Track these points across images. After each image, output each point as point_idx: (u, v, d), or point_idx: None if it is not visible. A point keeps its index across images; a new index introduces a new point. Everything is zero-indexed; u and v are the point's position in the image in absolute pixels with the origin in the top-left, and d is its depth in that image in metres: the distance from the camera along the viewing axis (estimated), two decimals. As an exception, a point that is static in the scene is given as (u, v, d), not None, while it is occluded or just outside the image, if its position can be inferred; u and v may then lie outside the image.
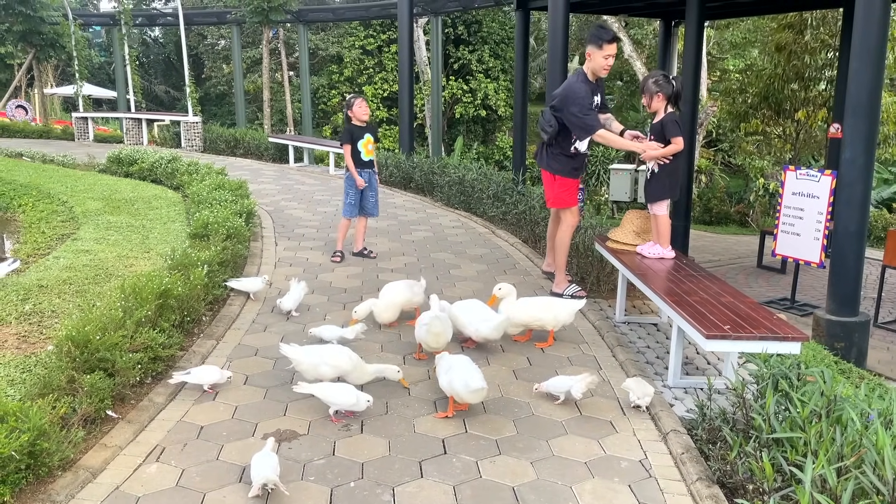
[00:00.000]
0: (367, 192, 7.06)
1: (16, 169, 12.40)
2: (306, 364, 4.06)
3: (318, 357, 4.06)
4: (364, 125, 6.99)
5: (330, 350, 4.13)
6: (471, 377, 3.79)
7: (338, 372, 4.05)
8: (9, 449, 2.85)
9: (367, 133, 7.01)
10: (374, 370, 4.12)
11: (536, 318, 4.89)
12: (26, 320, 4.92)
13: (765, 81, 14.61)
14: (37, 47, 21.18)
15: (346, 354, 4.09)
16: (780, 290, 8.68)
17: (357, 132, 6.95)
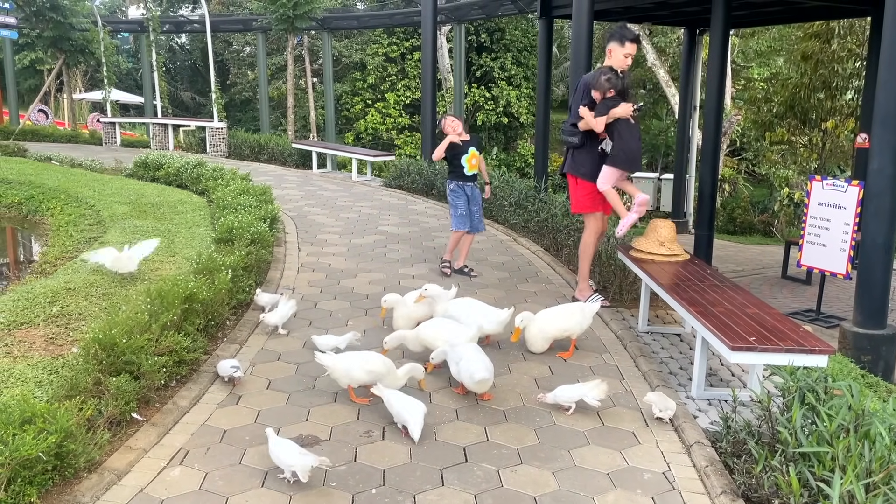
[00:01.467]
0: (471, 206, 6.91)
1: (45, 173, 12.61)
2: (340, 370, 4.06)
3: (352, 362, 4.06)
4: (464, 140, 6.80)
5: (363, 355, 4.12)
6: (475, 368, 4.05)
7: (372, 377, 4.03)
8: (37, 450, 2.89)
9: (472, 146, 6.83)
10: (403, 373, 4.10)
11: (564, 329, 4.87)
12: (54, 322, 4.99)
13: (791, 90, 14.48)
14: (66, 53, 21.54)
15: (379, 359, 4.09)
16: (806, 302, 8.57)
17: (459, 148, 6.79)
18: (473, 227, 6.92)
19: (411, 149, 25.35)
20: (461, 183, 6.85)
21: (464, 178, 6.84)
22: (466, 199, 6.86)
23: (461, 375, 4.13)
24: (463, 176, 6.84)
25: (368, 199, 11.11)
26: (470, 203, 6.87)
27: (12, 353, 4.46)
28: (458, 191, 6.86)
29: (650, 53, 19.52)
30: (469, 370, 4.07)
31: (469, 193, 6.87)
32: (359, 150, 15.91)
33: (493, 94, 26.08)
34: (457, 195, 6.86)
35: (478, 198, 6.98)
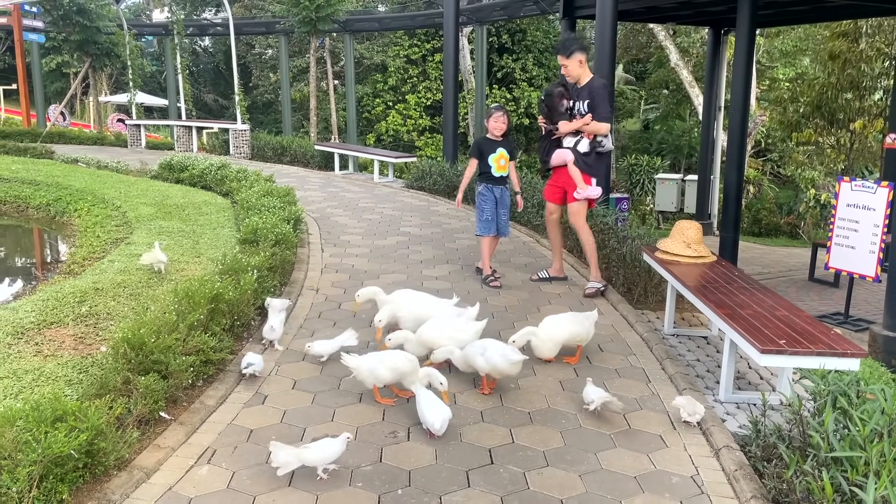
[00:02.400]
0: (499, 209, 6.64)
1: (72, 174, 12.78)
2: (365, 370, 4.06)
3: (377, 361, 4.07)
4: (498, 139, 6.56)
5: (388, 355, 4.12)
6: (507, 351, 4.19)
7: (396, 375, 4.03)
8: (68, 448, 2.92)
9: (501, 147, 6.56)
10: (423, 374, 4.06)
11: (574, 335, 4.77)
12: (83, 322, 5.05)
13: (817, 90, 14.30)
14: (93, 56, 21.82)
15: (404, 358, 4.08)
16: (833, 305, 8.45)
17: (487, 146, 6.57)
18: (499, 230, 6.72)
19: (432, 150, 25.39)
20: (490, 185, 6.61)
21: (492, 179, 6.60)
22: (495, 201, 6.62)
23: (492, 362, 4.14)
24: (491, 177, 6.60)
25: (390, 201, 11.13)
26: (498, 206, 6.63)
27: (43, 351, 4.52)
28: (487, 194, 6.61)
29: (673, 54, 19.38)
30: (501, 354, 4.14)
31: (497, 196, 6.63)
32: (380, 151, 15.95)
33: (515, 95, 26.05)
34: (485, 198, 6.62)
35: (506, 201, 6.71)
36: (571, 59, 6.25)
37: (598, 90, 6.20)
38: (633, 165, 19.24)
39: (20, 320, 4.93)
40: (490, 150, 6.56)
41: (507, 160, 6.60)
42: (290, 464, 3.24)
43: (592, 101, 6.20)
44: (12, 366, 4.27)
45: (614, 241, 6.78)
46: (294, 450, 3.25)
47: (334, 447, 3.30)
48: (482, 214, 6.66)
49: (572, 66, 6.27)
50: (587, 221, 6.55)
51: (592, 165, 6.38)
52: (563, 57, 6.31)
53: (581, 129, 6.27)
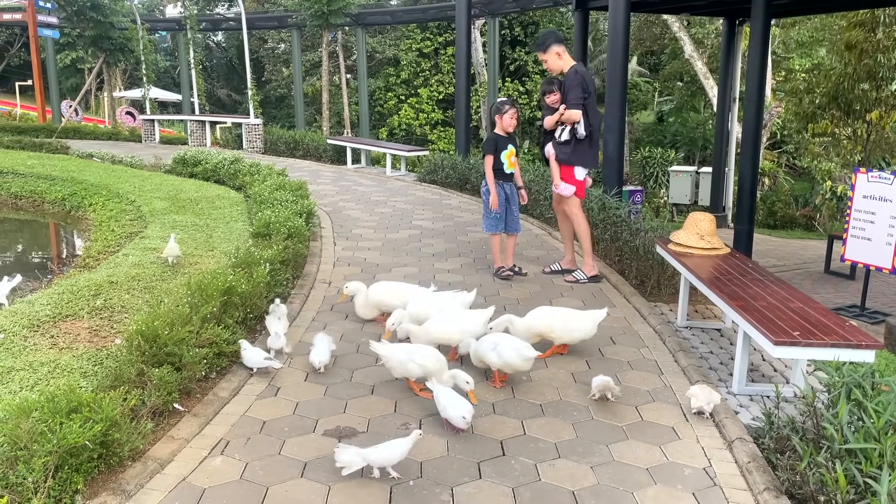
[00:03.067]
0: (510, 206, 6.57)
1: (87, 169, 12.88)
2: (395, 361, 4.07)
3: (407, 355, 4.06)
4: (507, 135, 6.52)
5: (420, 349, 4.10)
6: (520, 345, 4.17)
7: (424, 371, 4.01)
8: (83, 438, 2.95)
9: (511, 144, 6.54)
10: (448, 376, 3.99)
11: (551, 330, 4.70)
12: (97, 315, 5.09)
13: (834, 81, 14.14)
14: (107, 52, 21.94)
15: (433, 354, 4.07)
16: (849, 297, 8.37)
17: (501, 142, 6.49)
18: (511, 227, 6.62)
19: (445, 144, 25.37)
20: (501, 182, 6.51)
21: (503, 176, 6.52)
22: (506, 198, 6.54)
23: (504, 357, 4.13)
24: (503, 174, 6.51)
25: (402, 194, 11.14)
26: (510, 202, 6.56)
27: (58, 344, 4.56)
28: (498, 189, 6.49)
29: (687, 45, 19.22)
30: (514, 349, 4.14)
31: (508, 192, 6.56)
32: (392, 145, 15.95)
33: (528, 87, 25.96)
34: (489, 196, 6.51)
35: (516, 197, 6.63)
36: (549, 52, 6.30)
37: (569, 77, 6.25)
38: (647, 158, 19.14)
39: (36, 313, 4.98)
40: (503, 147, 6.49)
41: (515, 156, 6.58)
42: (354, 464, 3.19)
43: (565, 89, 6.26)
44: (28, 358, 4.31)
45: (627, 233, 6.75)
46: (359, 450, 3.22)
47: (401, 447, 3.24)
48: (490, 212, 6.54)
49: (551, 59, 6.33)
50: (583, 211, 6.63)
51: (572, 154, 6.40)
52: (540, 53, 6.40)
53: (562, 119, 6.31)
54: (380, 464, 3.24)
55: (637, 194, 12.13)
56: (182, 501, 3.07)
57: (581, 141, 6.36)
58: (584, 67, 6.57)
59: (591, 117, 6.30)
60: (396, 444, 3.25)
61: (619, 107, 8.08)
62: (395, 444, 3.25)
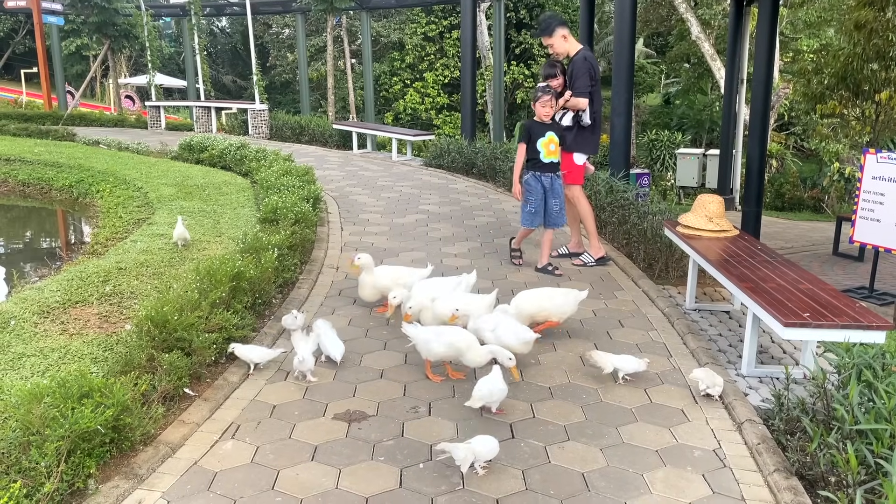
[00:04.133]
0: (549, 198, 6.12)
1: (94, 156, 12.90)
2: (420, 341, 4.06)
3: (433, 335, 4.03)
4: (548, 122, 6.09)
5: (447, 329, 4.07)
6: (519, 329, 4.20)
7: (452, 350, 3.99)
8: (95, 423, 2.97)
9: (551, 131, 6.05)
10: (486, 351, 3.97)
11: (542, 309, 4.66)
12: (107, 301, 5.11)
13: (842, 62, 13.98)
14: (111, 38, 21.89)
15: (462, 334, 4.04)
16: (858, 279, 8.34)
17: (536, 129, 6.06)
18: (551, 221, 6.20)
19: (451, 128, 25.30)
20: (537, 173, 6.09)
21: (540, 166, 6.08)
22: (543, 191, 6.11)
23: (503, 340, 4.12)
24: (539, 164, 6.07)
25: (409, 179, 11.12)
26: (547, 195, 6.13)
27: (68, 330, 4.59)
28: (534, 183, 6.10)
29: (695, 27, 19.06)
30: (513, 332, 4.16)
31: (547, 185, 6.10)
32: (398, 130, 15.90)
33: (533, 71, 25.80)
34: (530, 189, 6.12)
35: (558, 190, 6.17)
36: (555, 36, 6.22)
37: (577, 63, 6.20)
38: (654, 141, 19.04)
39: (46, 300, 5.01)
40: (539, 134, 6.06)
41: (556, 144, 6.09)
42: (468, 459, 3.16)
43: (572, 75, 6.22)
44: (39, 344, 4.34)
45: (635, 216, 6.73)
46: (466, 445, 3.18)
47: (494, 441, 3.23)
48: (526, 205, 6.21)
49: (557, 43, 6.25)
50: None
51: (573, 140, 6.40)
52: (546, 37, 6.28)
53: (565, 105, 6.28)
54: (485, 457, 3.21)
55: (644, 177, 12.09)
56: (194, 485, 3.09)
57: (584, 128, 6.38)
58: (591, 52, 6.54)
59: (595, 104, 6.31)
60: (490, 439, 3.23)
61: (626, 89, 8.02)
62: (493, 439, 3.24)
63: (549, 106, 6.00)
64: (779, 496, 3.00)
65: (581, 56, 6.23)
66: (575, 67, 6.19)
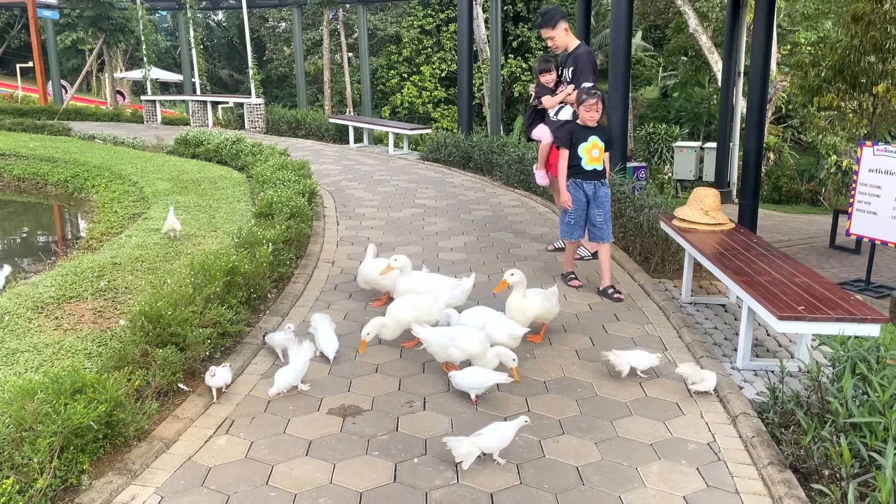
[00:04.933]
0: (592, 209, 5.61)
1: (89, 151, 12.85)
2: (436, 346, 4.00)
3: (448, 340, 3.98)
4: (592, 126, 5.55)
5: (461, 332, 4.02)
6: (510, 325, 4.24)
7: (466, 355, 3.95)
8: (88, 419, 2.96)
9: (594, 135, 5.53)
10: (493, 353, 3.95)
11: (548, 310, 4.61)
12: (101, 296, 5.10)
13: (840, 54, 13.96)
14: (106, 32, 21.79)
15: (476, 338, 3.98)
16: (855, 272, 8.34)
17: (579, 133, 5.55)
18: (595, 234, 5.64)
19: (448, 122, 25.24)
20: (578, 180, 5.58)
21: (582, 173, 5.56)
22: (585, 199, 5.61)
23: (494, 336, 4.11)
24: (581, 171, 5.56)
25: (405, 173, 11.10)
26: (591, 205, 5.61)
27: (62, 325, 4.58)
28: (575, 191, 5.60)
29: (692, 19, 19.02)
30: (504, 329, 4.20)
31: (589, 193, 5.59)
32: (395, 123, 15.87)
33: (531, 64, 25.72)
34: (572, 198, 5.61)
35: (602, 199, 5.60)
36: (557, 28, 6.17)
37: (582, 58, 6.14)
38: (651, 134, 19.01)
39: (40, 295, 4.99)
40: (581, 139, 5.55)
41: (601, 150, 5.57)
42: (472, 454, 3.14)
43: (576, 70, 6.15)
44: (33, 339, 4.33)
45: (631, 209, 6.72)
46: (470, 439, 3.17)
47: (508, 431, 3.22)
48: (565, 216, 5.71)
49: (559, 35, 6.18)
50: None
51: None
52: (548, 29, 6.20)
53: (565, 99, 6.22)
54: (491, 450, 3.19)
55: (641, 170, 12.07)
56: (188, 480, 3.09)
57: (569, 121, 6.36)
58: (589, 47, 6.56)
59: None
60: (504, 429, 3.22)
61: (623, 82, 8.00)
62: (503, 429, 3.22)
63: (594, 110, 5.48)
64: (773, 489, 3.00)
65: (586, 50, 6.23)
66: (580, 61, 6.13)
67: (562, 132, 5.75)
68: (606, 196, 5.63)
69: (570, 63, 6.22)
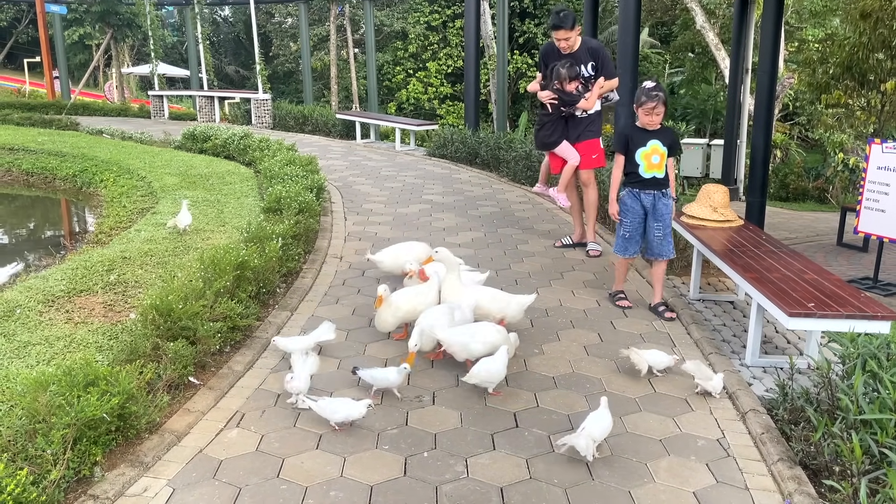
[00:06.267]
0: (650, 222, 5.03)
1: (97, 146, 12.88)
2: (457, 345, 3.95)
3: (469, 336, 3.97)
4: (653, 129, 4.97)
5: (480, 328, 4.02)
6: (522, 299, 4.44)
7: (489, 349, 3.93)
8: (100, 411, 2.98)
9: (654, 140, 4.95)
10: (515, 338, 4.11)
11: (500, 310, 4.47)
12: (111, 290, 5.12)
13: (847, 51, 13.91)
14: (114, 27, 21.82)
15: (496, 331, 3.99)
16: (862, 269, 8.32)
17: (637, 137, 5.00)
18: (653, 250, 5.07)
19: (454, 118, 25.21)
20: (636, 190, 5.02)
21: (639, 181, 4.99)
22: (643, 211, 5.02)
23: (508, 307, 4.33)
24: (638, 179, 4.98)
25: (412, 169, 11.10)
26: (648, 218, 5.03)
27: (73, 319, 4.60)
28: (631, 202, 5.04)
29: (699, 16, 18.96)
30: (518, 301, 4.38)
31: (647, 204, 5.00)
32: (402, 119, 15.87)
33: (537, 60, 25.70)
34: (626, 209, 5.07)
35: (663, 212, 4.99)
36: (575, 29, 6.21)
37: (601, 50, 6.34)
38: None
39: (51, 289, 5.02)
40: (639, 143, 4.98)
41: (662, 156, 4.96)
42: (590, 446, 3.18)
43: (600, 62, 6.30)
44: (44, 332, 4.35)
45: (639, 206, 6.71)
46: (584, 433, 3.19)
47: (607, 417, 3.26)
48: (619, 228, 5.16)
49: (573, 37, 6.21)
50: None
51: (598, 125, 6.57)
52: (566, 30, 6.15)
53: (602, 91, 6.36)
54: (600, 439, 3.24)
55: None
56: (199, 473, 3.11)
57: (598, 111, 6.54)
58: None
59: None
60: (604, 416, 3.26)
61: (631, 79, 7.98)
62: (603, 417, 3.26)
63: (654, 114, 4.87)
64: (782, 485, 3.01)
65: (599, 43, 6.47)
66: (601, 53, 6.33)
67: (618, 136, 5.22)
68: (668, 208, 5.02)
69: (583, 58, 6.28)
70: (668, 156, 4.98)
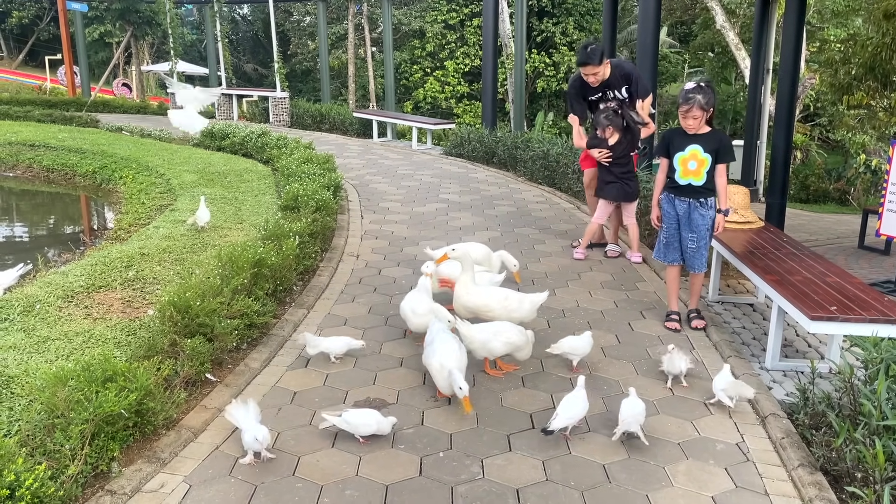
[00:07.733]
0: (683, 231, 4.78)
1: (117, 143, 12.98)
2: (478, 342, 3.92)
3: (491, 334, 3.95)
4: (693, 133, 4.66)
5: (502, 327, 4.00)
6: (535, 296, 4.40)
7: (510, 348, 3.93)
8: (118, 407, 2.99)
9: (694, 144, 4.64)
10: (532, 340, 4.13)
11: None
12: (130, 286, 5.15)
13: (870, 51, 13.74)
14: (134, 25, 22.01)
15: (516, 330, 3.98)
16: (884, 273, 8.21)
17: (677, 141, 4.73)
18: (687, 261, 4.83)
19: (471, 117, 25.19)
20: (671, 195, 4.79)
21: (675, 187, 4.75)
22: (676, 218, 4.79)
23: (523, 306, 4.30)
24: (673, 184, 4.75)
25: (429, 168, 11.09)
26: (682, 227, 4.77)
27: (92, 314, 4.63)
28: (667, 206, 4.83)
29: (719, 15, 18.81)
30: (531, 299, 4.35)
31: (681, 212, 4.75)
32: (419, 118, 15.87)
33: (555, 59, 25.58)
34: (663, 212, 4.88)
35: (697, 223, 4.69)
36: (603, 63, 6.12)
37: (633, 73, 6.29)
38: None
39: (70, 284, 5.05)
40: (678, 147, 4.70)
41: (701, 163, 4.63)
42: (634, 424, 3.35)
43: (635, 84, 6.23)
44: (63, 328, 4.38)
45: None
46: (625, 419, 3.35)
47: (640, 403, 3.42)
48: (660, 233, 4.96)
49: (602, 69, 6.12)
50: None
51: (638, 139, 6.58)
52: (594, 66, 6.02)
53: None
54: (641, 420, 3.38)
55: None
56: (216, 469, 3.11)
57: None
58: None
59: None
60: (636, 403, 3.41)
61: (650, 78, 7.93)
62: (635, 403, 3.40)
63: (689, 117, 4.60)
64: (803, 491, 2.96)
65: (631, 66, 6.45)
66: (634, 71, 6.30)
67: (660, 139, 5.03)
68: (703, 219, 4.68)
69: (616, 83, 6.22)
70: (715, 163, 4.62)
